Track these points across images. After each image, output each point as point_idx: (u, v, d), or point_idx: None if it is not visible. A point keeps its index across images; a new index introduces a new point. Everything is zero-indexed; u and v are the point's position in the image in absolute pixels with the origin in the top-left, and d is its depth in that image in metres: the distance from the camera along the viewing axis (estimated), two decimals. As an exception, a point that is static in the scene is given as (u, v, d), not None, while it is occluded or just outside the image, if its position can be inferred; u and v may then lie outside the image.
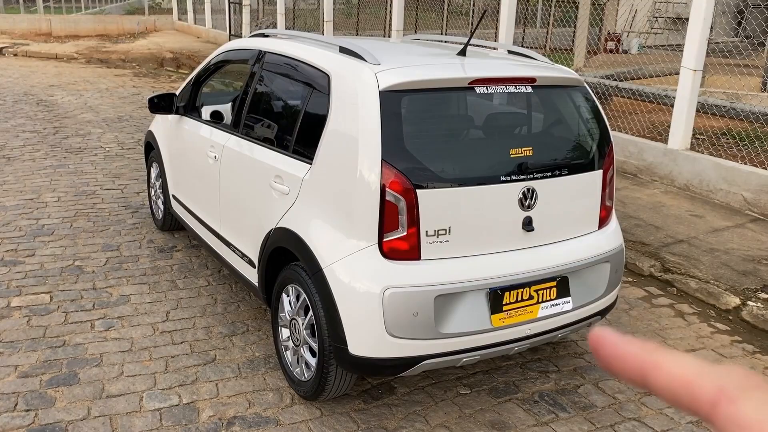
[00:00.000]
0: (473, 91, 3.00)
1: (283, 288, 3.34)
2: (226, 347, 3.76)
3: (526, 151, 3.03)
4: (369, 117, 2.83)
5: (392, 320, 2.80)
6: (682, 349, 4.02)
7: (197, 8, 23.57)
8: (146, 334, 3.86)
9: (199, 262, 4.87)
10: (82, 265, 4.74)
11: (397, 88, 2.86)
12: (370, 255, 2.83)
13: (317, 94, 3.21)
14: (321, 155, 3.06)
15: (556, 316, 3.16)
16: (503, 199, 2.98)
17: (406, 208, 2.80)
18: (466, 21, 21.77)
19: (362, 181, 2.82)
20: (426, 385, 3.48)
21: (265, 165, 3.44)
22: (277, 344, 3.49)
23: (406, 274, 2.82)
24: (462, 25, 21.52)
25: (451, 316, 2.89)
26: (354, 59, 3.09)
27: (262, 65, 3.74)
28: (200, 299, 4.31)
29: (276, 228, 3.29)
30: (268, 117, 3.66)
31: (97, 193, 6.31)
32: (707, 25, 6.40)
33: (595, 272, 3.31)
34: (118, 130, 8.99)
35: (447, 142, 2.97)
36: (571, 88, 3.35)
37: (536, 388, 3.53)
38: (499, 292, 2.98)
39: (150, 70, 15.61)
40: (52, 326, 3.89)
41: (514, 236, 3.05)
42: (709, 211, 6.19)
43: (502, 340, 3.03)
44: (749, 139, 7.41)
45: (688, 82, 6.55)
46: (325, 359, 3.01)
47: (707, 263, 5.12)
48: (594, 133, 3.36)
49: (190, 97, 4.64)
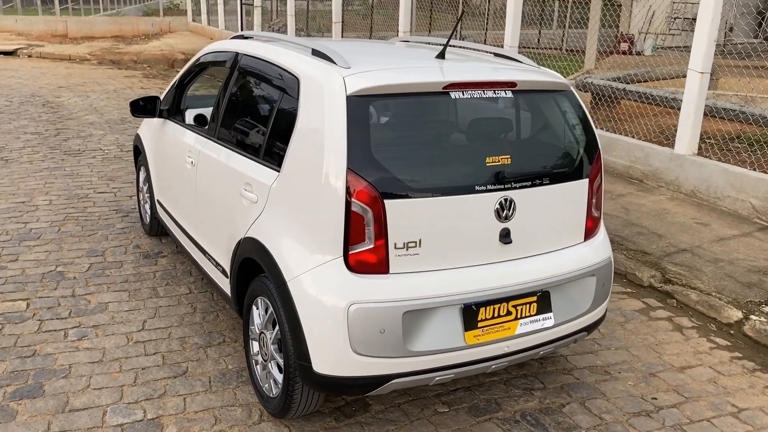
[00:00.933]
0: (448, 96, 2.85)
1: (253, 300, 3.21)
2: (200, 359, 3.64)
3: (503, 159, 2.87)
4: (335, 123, 2.69)
5: (358, 337, 2.66)
6: (677, 365, 3.84)
7: (211, 10, 23.61)
8: (119, 344, 3.75)
9: (183, 269, 4.77)
10: (64, 270, 4.66)
11: (365, 92, 2.72)
12: (335, 268, 2.69)
13: (287, 99, 3.08)
14: (288, 163, 2.92)
15: (536, 332, 2.99)
16: (478, 209, 2.82)
17: (373, 219, 2.65)
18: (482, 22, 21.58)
19: (327, 191, 2.68)
20: (402, 402, 3.33)
21: (236, 172, 3.32)
22: (248, 358, 3.36)
23: (373, 289, 2.68)
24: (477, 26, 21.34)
25: (421, 333, 2.74)
26: (324, 62, 2.95)
27: (238, 68, 3.62)
28: (179, 308, 4.20)
29: (245, 238, 3.16)
30: (241, 122, 3.53)
31: (90, 197, 6.24)
32: (715, 26, 6.18)
33: (580, 286, 3.14)
34: (119, 132, 8.94)
35: (418, 149, 2.82)
36: (557, 92, 3.19)
37: (519, 406, 3.37)
38: (474, 307, 2.83)
39: (160, 72, 15.61)
40: (24, 335, 3.80)
41: (490, 249, 2.89)
42: (715, 219, 5.97)
43: (478, 358, 2.87)
44: (759, 144, 7.17)
45: (695, 85, 6.33)
46: (291, 376, 2.87)
47: (710, 274, 4.91)
48: (580, 140, 3.20)
49: (173, 100, 4.54)
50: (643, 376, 3.71)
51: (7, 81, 13.24)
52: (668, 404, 3.46)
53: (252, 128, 3.38)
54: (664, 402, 3.47)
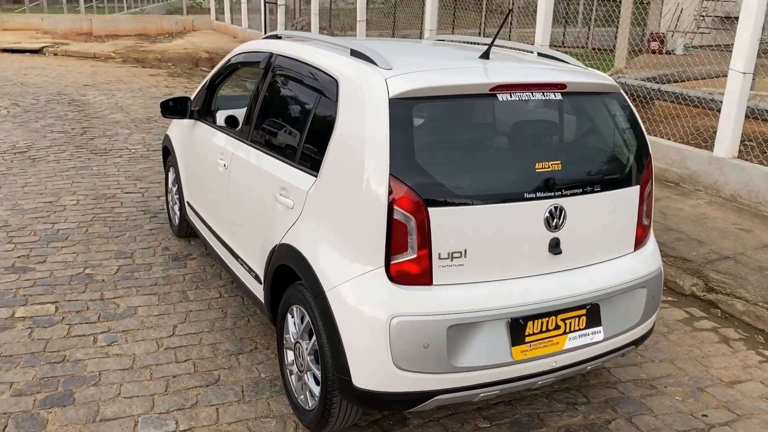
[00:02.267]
0: (495, 98, 2.72)
1: (288, 308, 3.11)
2: (232, 367, 3.55)
3: (553, 165, 2.73)
4: (377, 127, 2.57)
5: (400, 352, 2.54)
6: (726, 380, 3.67)
7: (234, 8, 23.61)
8: (149, 350, 3.67)
9: (213, 272, 4.68)
10: (93, 273, 4.59)
11: (408, 95, 2.60)
12: (377, 279, 2.57)
13: (325, 101, 2.97)
14: (326, 168, 2.81)
15: (585, 347, 2.85)
16: (527, 218, 2.69)
17: (416, 227, 2.53)
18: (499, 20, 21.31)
19: (368, 198, 2.57)
20: (441, 416, 3.21)
21: (270, 176, 3.21)
22: (282, 367, 3.26)
23: (416, 301, 2.56)
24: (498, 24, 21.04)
25: (466, 347, 2.61)
26: (364, 63, 2.83)
27: (273, 69, 3.52)
28: (210, 312, 4.11)
29: (280, 244, 3.05)
30: (276, 124, 3.43)
31: (117, 197, 6.19)
32: (759, 24, 5.97)
33: (630, 299, 2.99)
34: (145, 131, 8.91)
35: (464, 154, 2.69)
36: (606, 94, 3.04)
37: (563, 422, 3.23)
38: (521, 321, 2.69)
39: (185, 70, 15.62)
40: (53, 340, 3.74)
41: (539, 260, 2.75)
42: (758, 225, 5.77)
43: (524, 374, 2.74)
44: None
45: (737, 86, 6.13)
46: (329, 389, 2.76)
47: (756, 283, 4.72)
48: (631, 145, 3.05)
49: (204, 101, 4.45)
50: (691, 391, 3.55)
51: (34, 79, 13.31)
52: (719, 422, 3.29)
53: (287, 131, 3.27)
54: (716, 419, 3.31)
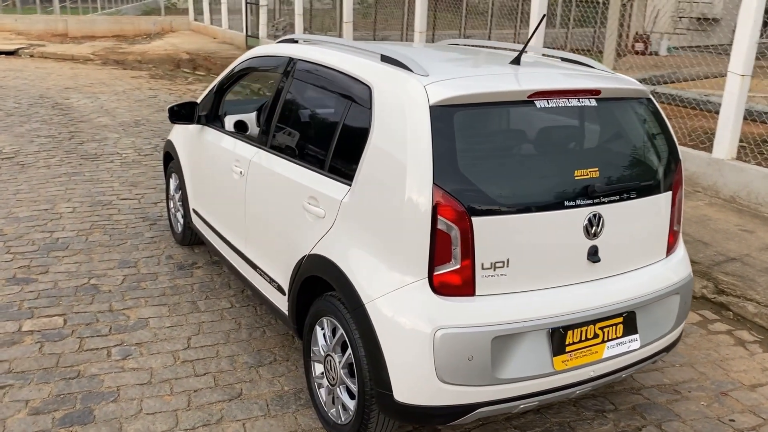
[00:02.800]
0: (533, 105, 2.68)
1: (317, 320, 3.04)
2: (253, 380, 3.46)
3: (592, 173, 2.70)
4: (418, 135, 2.52)
5: (444, 364, 2.48)
6: (747, 383, 3.68)
7: (213, 9, 23.36)
8: (166, 363, 3.57)
9: (221, 281, 4.58)
10: (98, 283, 4.47)
11: (448, 102, 2.55)
12: (419, 290, 2.52)
13: (356, 108, 2.90)
14: (362, 176, 2.74)
15: (622, 355, 2.83)
16: (567, 226, 2.65)
17: (460, 237, 2.48)
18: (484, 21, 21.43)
19: (410, 207, 2.51)
20: (473, 427, 3.16)
21: (297, 184, 3.13)
22: (310, 380, 3.18)
23: (460, 313, 2.50)
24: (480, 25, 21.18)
25: (508, 359, 2.57)
26: (399, 69, 2.77)
27: (293, 74, 3.44)
28: (223, 323, 4.01)
29: (310, 255, 2.98)
30: (301, 131, 3.35)
31: (114, 204, 6.05)
32: (757, 27, 6.03)
33: (664, 306, 2.98)
34: (134, 135, 8.74)
35: (505, 162, 2.65)
36: (636, 100, 3.02)
37: (594, 430, 3.20)
38: (562, 331, 2.66)
39: (166, 72, 15.38)
40: (65, 354, 3.61)
41: (578, 268, 2.72)
42: (759, 226, 5.82)
43: (565, 384, 2.71)
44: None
45: (736, 88, 6.17)
46: (366, 404, 2.69)
47: (765, 284, 4.75)
48: (662, 151, 3.03)
49: (212, 106, 4.35)
50: (714, 396, 3.55)
51: (13, 82, 13.01)
52: (748, 426, 3.29)
53: (315, 138, 3.20)
54: (743, 424, 3.31)
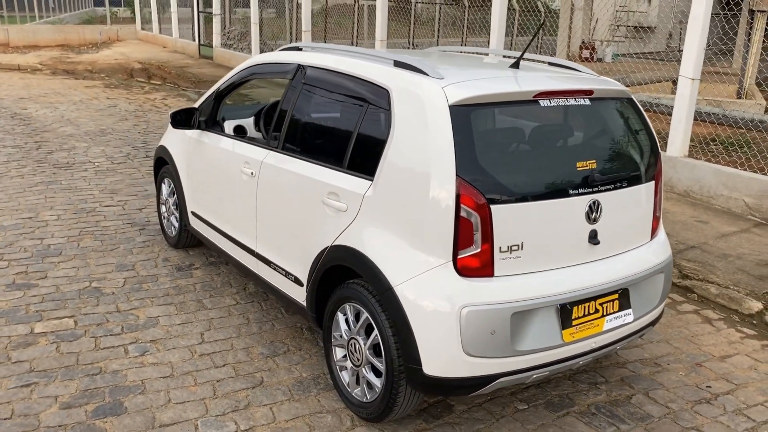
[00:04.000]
0: (537, 104, 2.99)
1: (338, 307, 3.26)
2: (271, 369, 3.65)
3: (590, 164, 3.02)
4: (440, 133, 2.78)
5: (469, 339, 2.75)
6: (717, 355, 4.07)
7: (163, 18, 23.15)
8: (185, 357, 3.72)
9: (222, 280, 4.74)
10: (100, 286, 4.56)
11: (466, 102, 2.83)
12: (445, 273, 2.78)
13: (374, 110, 3.15)
14: (385, 171, 2.99)
15: (619, 328, 3.15)
16: (572, 212, 2.96)
17: (480, 223, 2.76)
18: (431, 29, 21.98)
19: (435, 198, 2.77)
20: (483, 402, 3.44)
21: (315, 181, 3.35)
22: (331, 364, 3.40)
23: (482, 292, 2.78)
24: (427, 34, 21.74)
25: (525, 332, 2.86)
26: (415, 74, 3.04)
27: (304, 80, 3.66)
28: (232, 319, 4.18)
29: (333, 246, 3.20)
30: (316, 132, 3.57)
31: (98, 210, 6.10)
32: (705, 35, 6.55)
33: (652, 283, 3.32)
34: (103, 144, 8.73)
35: (516, 156, 2.95)
36: (620, 99, 3.37)
37: (590, 400, 3.52)
38: (569, 307, 2.96)
39: (121, 82, 15.24)
40: (83, 353, 3.72)
41: (580, 250, 3.03)
42: (712, 217, 6.32)
43: (572, 354, 3.01)
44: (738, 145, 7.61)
45: (687, 91, 6.69)
46: (395, 380, 2.93)
47: (723, 269, 5.21)
48: (645, 145, 3.38)
49: (212, 112, 4.52)
50: (690, 366, 3.92)
51: (-37, 93, 12.69)
52: (723, 391, 3.67)
53: (331, 138, 3.43)
54: (719, 389, 3.69)
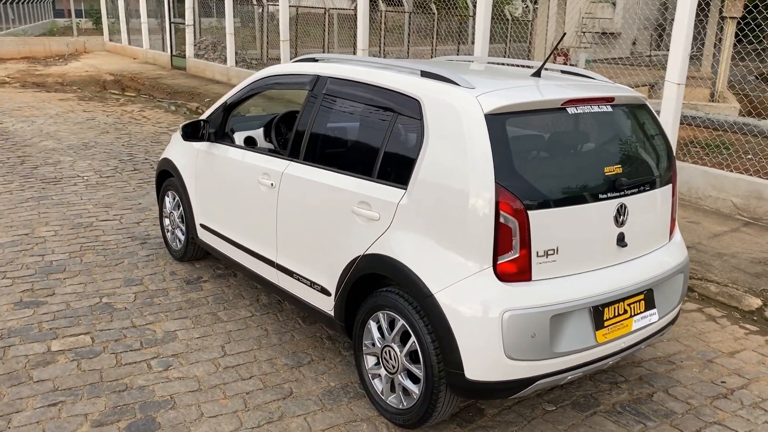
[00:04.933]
0: (565, 111, 3.07)
1: (371, 315, 3.29)
2: (298, 379, 3.65)
3: (617, 169, 3.11)
4: (477, 141, 2.84)
5: (511, 343, 2.80)
6: (726, 351, 4.20)
7: (132, 29, 22.88)
8: (210, 371, 3.70)
9: (233, 292, 4.72)
10: (111, 302, 4.50)
11: (500, 111, 2.89)
12: (486, 278, 2.83)
13: (404, 120, 3.19)
14: (420, 180, 3.03)
15: (645, 327, 3.24)
16: (601, 216, 3.05)
17: (518, 229, 2.82)
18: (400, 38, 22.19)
19: (474, 205, 2.83)
20: (512, 405, 3.49)
21: (344, 191, 3.38)
22: (362, 372, 3.42)
23: (522, 296, 2.84)
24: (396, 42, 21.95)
25: (561, 335, 2.92)
26: (445, 84, 3.09)
27: (324, 91, 3.68)
28: (250, 331, 4.17)
29: (366, 255, 3.23)
30: (341, 143, 3.60)
31: (96, 225, 6.01)
32: (689, 41, 6.75)
33: (673, 283, 3.42)
34: (89, 158, 8.60)
35: (550, 162, 3.02)
36: (636, 106, 3.47)
37: (614, 399, 3.60)
38: (600, 308, 3.04)
39: (94, 94, 15.01)
40: (105, 369, 3.68)
41: (609, 252, 3.12)
42: (702, 218, 6.50)
43: (604, 354, 3.09)
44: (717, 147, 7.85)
45: (673, 95, 6.87)
46: (435, 385, 2.97)
47: (719, 267, 5.37)
48: (662, 149, 3.49)
49: (221, 123, 4.51)
50: (703, 363, 4.04)
51: (-67, 107, 12.36)
52: (737, 386, 3.79)
53: (359, 149, 3.46)
54: (733, 384, 3.81)
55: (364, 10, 11.42)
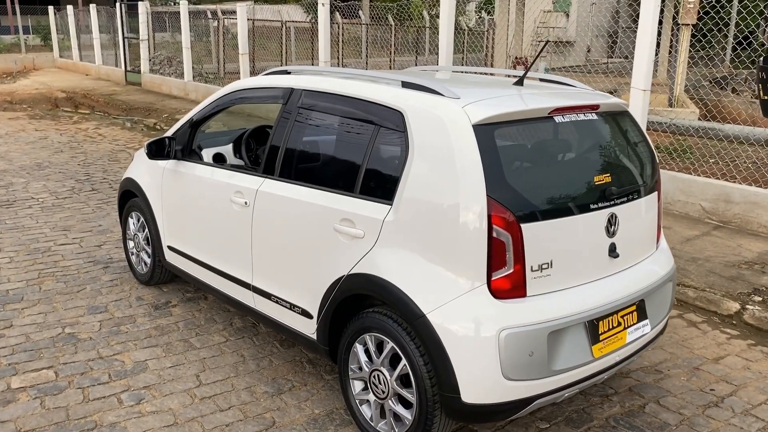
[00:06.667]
0: (552, 120, 2.98)
1: (357, 338, 3.13)
2: (280, 408, 3.47)
3: (606, 178, 3.04)
4: (466, 153, 2.73)
5: (508, 362, 2.69)
6: (710, 357, 4.17)
7: (84, 45, 22.29)
8: (185, 403, 3.49)
9: (204, 317, 4.50)
10: (74, 332, 4.24)
11: (488, 121, 2.79)
12: (481, 296, 2.71)
13: (386, 132, 3.06)
14: (406, 195, 2.90)
15: (639, 339, 3.17)
16: (593, 227, 2.96)
17: (512, 243, 2.71)
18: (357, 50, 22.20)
19: (466, 219, 2.71)
20: (505, 424, 3.37)
21: (324, 208, 3.23)
22: (349, 398, 3.25)
23: (519, 313, 2.72)
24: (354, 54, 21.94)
25: (559, 351, 2.82)
26: (429, 94, 2.98)
27: (299, 104, 3.53)
28: (225, 357, 3.97)
29: (350, 275, 3.08)
30: (319, 158, 3.45)
31: (54, 250, 5.71)
32: (653, 48, 6.80)
33: (663, 291, 3.36)
34: (43, 179, 8.24)
35: (540, 173, 2.92)
36: (620, 113, 3.42)
37: (606, 413, 3.52)
38: (596, 322, 2.95)
39: (46, 112, 14.51)
40: (72, 406, 3.43)
41: (601, 264, 3.03)
42: (673, 222, 6.53)
43: (600, 369, 3.00)
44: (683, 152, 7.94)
45: (639, 102, 6.90)
46: (429, 410, 2.83)
47: (695, 272, 5.37)
48: (645, 156, 3.44)
49: (188, 140, 4.31)
50: (690, 371, 4.00)
51: None
52: (726, 393, 3.75)
53: (339, 164, 3.31)
54: (722, 392, 3.77)
55: (325, 23, 11.28)
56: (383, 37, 21.98)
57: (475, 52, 21.25)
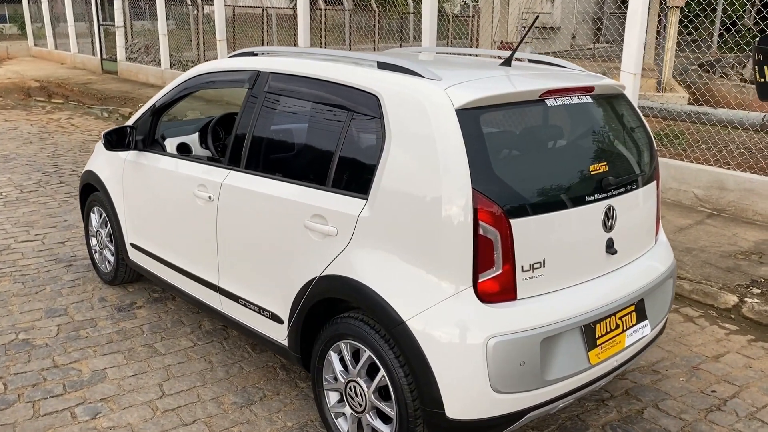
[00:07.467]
0: (543, 103, 2.70)
1: (331, 345, 2.85)
2: (249, 420, 3.18)
3: (602, 167, 2.76)
4: (448, 140, 2.44)
5: (497, 374, 2.41)
6: (710, 355, 3.93)
7: (59, 33, 21.70)
8: (146, 417, 3.19)
9: (171, 319, 4.20)
10: (29, 338, 3.92)
11: (472, 105, 2.50)
12: (466, 300, 2.43)
13: (360, 119, 2.77)
14: (382, 188, 2.61)
15: (638, 341, 2.91)
16: (589, 220, 2.69)
17: (500, 241, 2.43)
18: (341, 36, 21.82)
19: (449, 214, 2.42)
20: (494, 434, 3.11)
21: (293, 203, 2.93)
22: (323, 411, 2.97)
23: (508, 319, 2.45)
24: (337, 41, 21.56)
25: (553, 359, 2.55)
26: (407, 76, 2.68)
27: (267, 88, 3.22)
28: (192, 364, 3.67)
29: (322, 276, 2.79)
30: (288, 148, 3.15)
31: (14, 248, 5.37)
32: (643, 31, 6.53)
33: (663, 290, 3.10)
34: (9, 171, 7.86)
35: (531, 162, 2.64)
36: (615, 96, 3.14)
37: (602, 420, 3.27)
38: (592, 326, 2.68)
39: (18, 102, 14.03)
40: (20, 422, 3.12)
41: (598, 261, 2.77)
42: (665, 211, 6.29)
43: (597, 376, 2.74)
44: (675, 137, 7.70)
45: (630, 85, 6.64)
46: (410, 426, 2.56)
47: (690, 263, 5.14)
48: (643, 142, 3.17)
49: (149, 130, 3.99)
50: (689, 370, 3.76)
51: None
52: (729, 395, 3.51)
53: (309, 154, 3.02)
54: (724, 393, 3.53)
55: (305, 9, 10.92)
56: (367, 23, 21.62)
57: (461, 39, 20.96)
